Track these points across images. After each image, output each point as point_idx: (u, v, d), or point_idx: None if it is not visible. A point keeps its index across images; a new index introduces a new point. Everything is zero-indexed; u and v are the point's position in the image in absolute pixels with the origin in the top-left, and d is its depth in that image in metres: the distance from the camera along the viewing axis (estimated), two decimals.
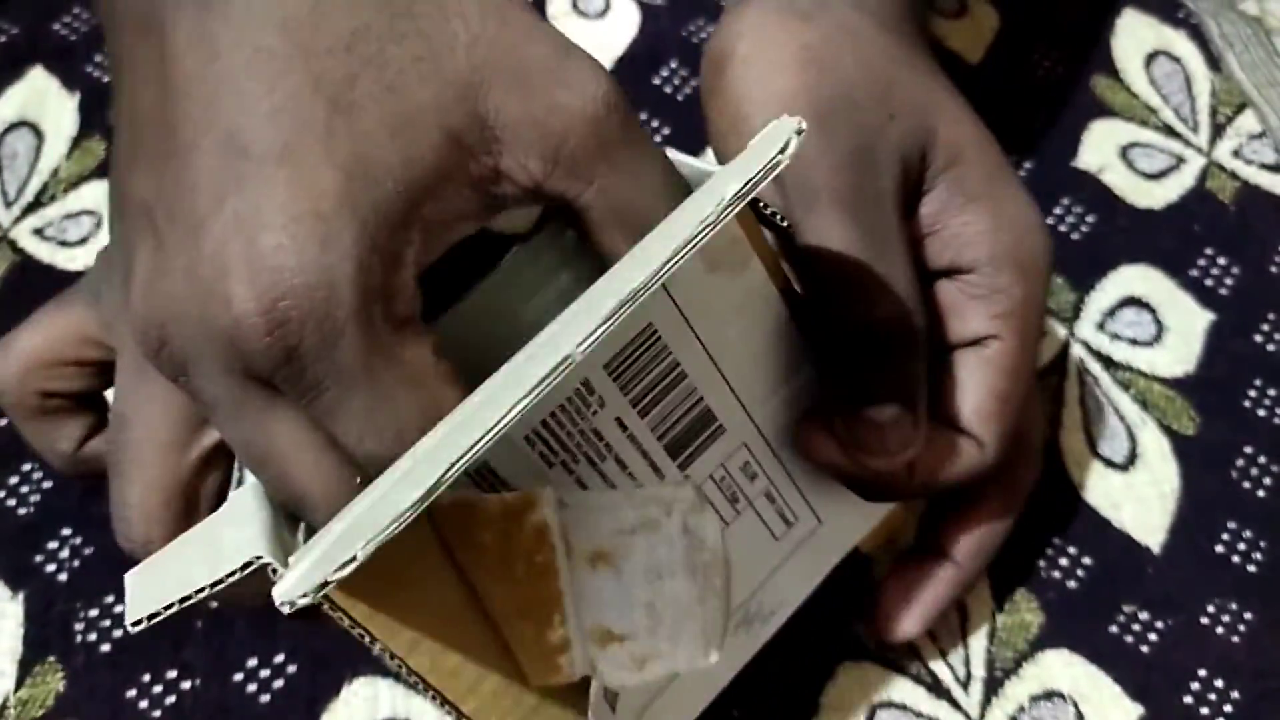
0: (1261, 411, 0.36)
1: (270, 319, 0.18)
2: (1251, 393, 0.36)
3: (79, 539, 0.33)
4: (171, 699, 0.31)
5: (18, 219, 0.39)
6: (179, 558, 0.23)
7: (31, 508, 0.34)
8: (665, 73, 0.43)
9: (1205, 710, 0.32)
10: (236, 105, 0.19)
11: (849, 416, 0.26)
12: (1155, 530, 0.34)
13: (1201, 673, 0.32)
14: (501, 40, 0.21)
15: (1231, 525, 0.34)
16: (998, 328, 0.27)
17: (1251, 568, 0.34)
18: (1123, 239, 0.39)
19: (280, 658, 0.32)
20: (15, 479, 0.34)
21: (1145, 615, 0.33)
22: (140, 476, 0.24)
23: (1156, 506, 0.35)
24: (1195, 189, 0.40)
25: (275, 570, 0.20)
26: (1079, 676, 0.32)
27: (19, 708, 0.31)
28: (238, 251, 0.18)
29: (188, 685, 0.32)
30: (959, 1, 0.45)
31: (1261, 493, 0.35)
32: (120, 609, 0.32)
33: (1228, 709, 0.31)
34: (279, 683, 0.31)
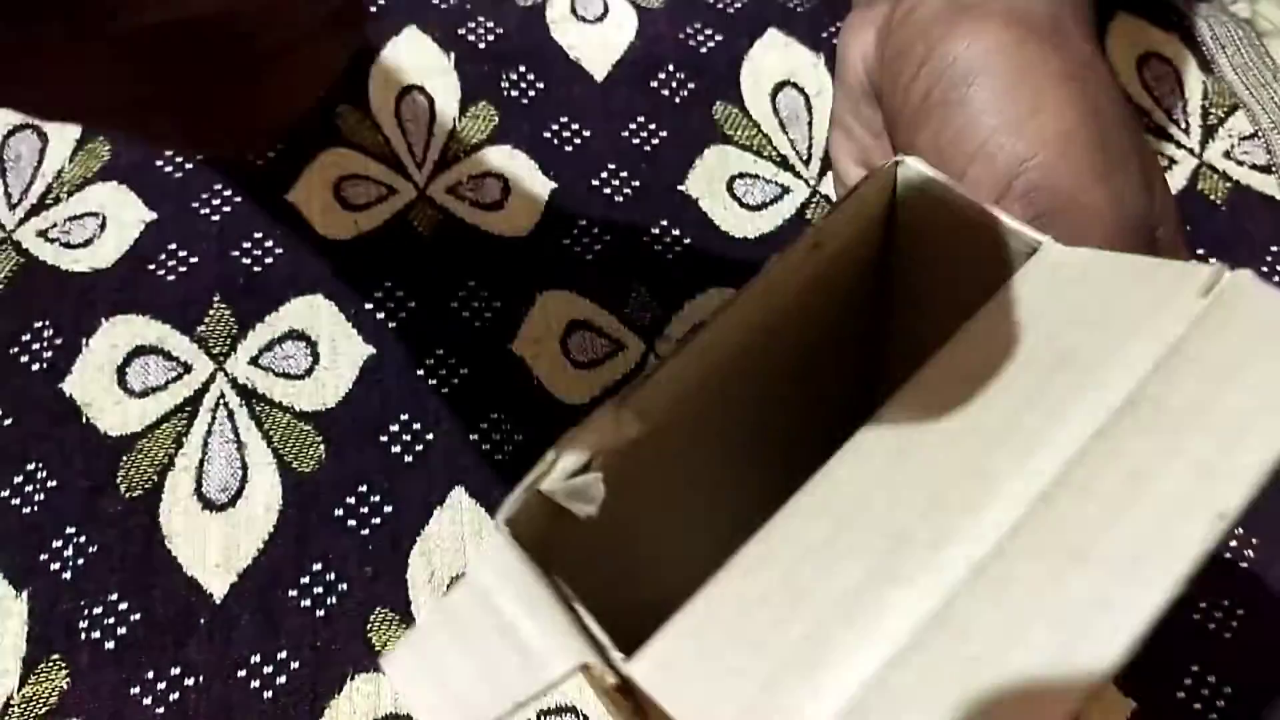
0: None
1: None
2: None
3: (83, 537, 0.34)
4: (175, 696, 0.32)
5: (22, 221, 0.39)
6: (468, 651, 0.19)
7: (36, 506, 0.34)
8: (663, 76, 0.43)
9: (1198, 705, 0.32)
10: None
11: None
12: None
13: (1194, 668, 0.32)
14: None
15: None
16: None
17: (1243, 564, 0.34)
18: None
19: (283, 654, 0.32)
20: (20, 478, 0.35)
21: None
22: None
23: None
24: (1187, 190, 0.41)
25: (601, 677, 0.18)
26: None
27: (23, 705, 0.31)
28: None
29: (191, 682, 0.32)
30: None
31: None
32: (124, 606, 0.33)
33: (1220, 704, 0.32)
34: (282, 679, 0.32)
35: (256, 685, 0.32)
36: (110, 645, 0.32)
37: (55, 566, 0.33)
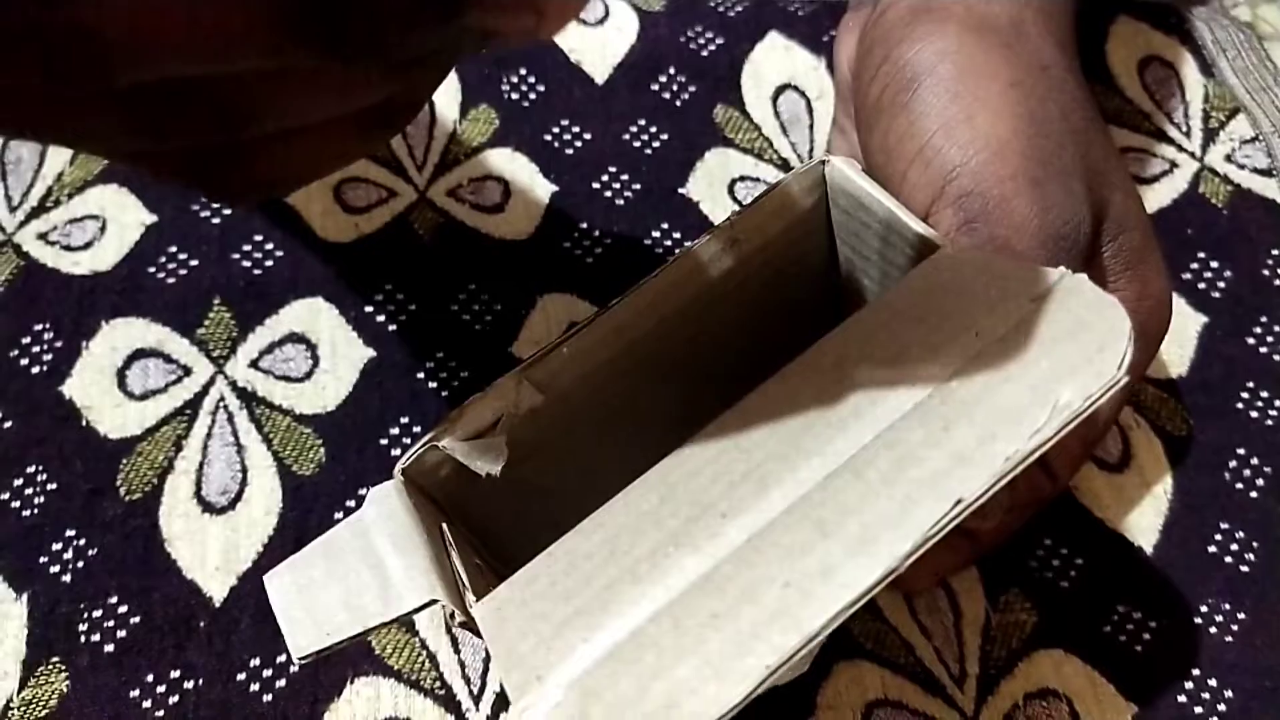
0: (1254, 414, 0.36)
1: None
2: (1244, 395, 0.37)
3: (82, 540, 0.34)
4: (174, 699, 0.32)
5: (22, 224, 0.39)
6: (337, 576, 0.22)
7: (35, 510, 0.34)
8: (664, 79, 0.43)
9: (1199, 709, 0.32)
10: None
11: None
12: (1148, 531, 0.34)
13: (1195, 672, 0.32)
14: None
15: (1224, 526, 0.35)
16: None
17: (1244, 568, 0.34)
18: None
19: (283, 657, 0.32)
20: (19, 481, 0.34)
21: (1139, 615, 0.33)
22: None
23: (1149, 507, 0.35)
24: (1188, 194, 0.41)
25: (453, 614, 0.20)
26: (1073, 675, 0.32)
27: (22, 708, 0.31)
28: None
29: (191, 685, 0.32)
30: None
31: (1254, 494, 0.35)
32: (124, 609, 0.33)
33: (1221, 708, 0.32)
34: (281, 682, 0.32)
35: (256, 688, 0.32)
36: (110, 648, 0.32)
37: (55, 569, 0.33)
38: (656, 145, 0.41)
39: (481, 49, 0.18)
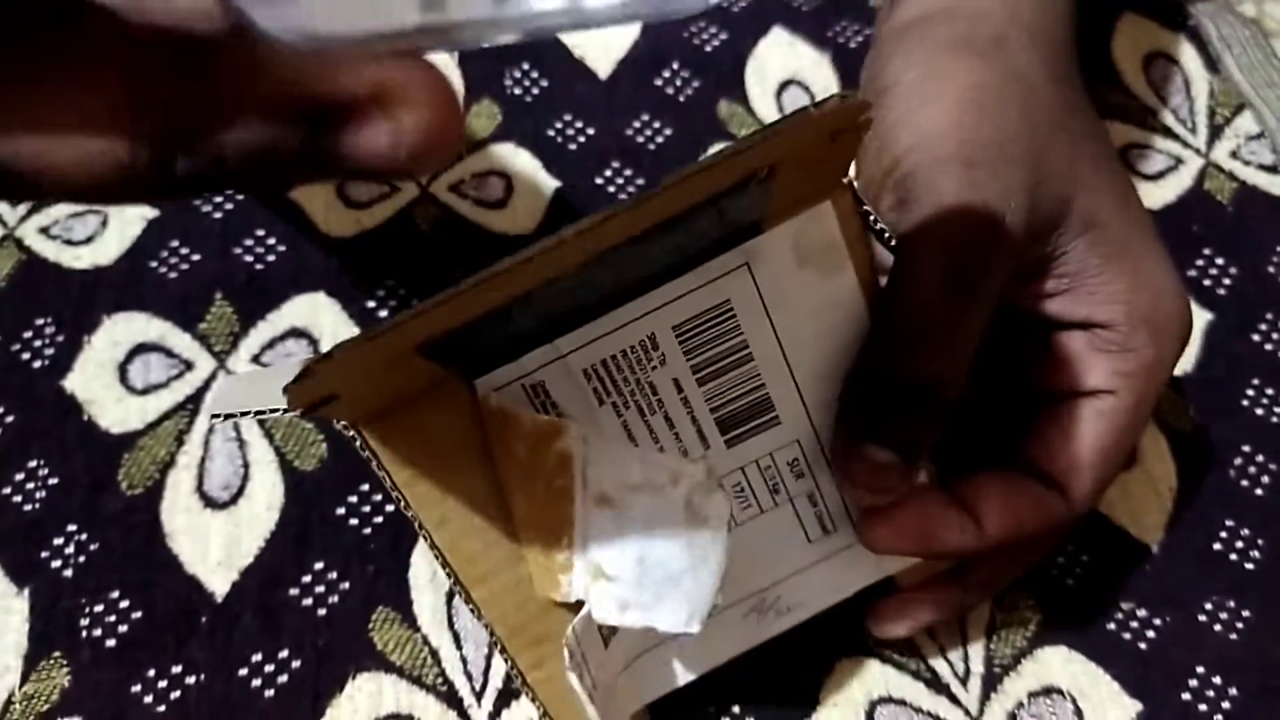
0: (1259, 410, 0.36)
1: None
2: (1249, 392, 0.37)
3: (84, 535, 0.34)
4: (176, 694, 0.32)
5: (24, 218, 0.39)
6: (265, 381, 0.24)
7: (37, 504, 0.34)
8: (667, 74, 0.43)
9: (1203, 707, 0.32)
10: None
11: (849, 440, 0.26)
12: (1153, 528, 0.34)
13: (1199, 670, 0.32)
14: None
15: (1229, 523, 0.34)
16: (1118, 384, 0.28)
17: (1249, 565, 0.34)
18: None
19: (285, 653, 0.32)
20: (21, 475, 0.34)
21: (1143, 612, 0.33)
22: None
23: (1155, 505, 0.35)
24: (1193, 190, 0.41)
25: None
26: (1078, 673, 0.32)
27: (24, 703, 0.31)
28: None
29: (192, 681, 0.32)
30: None
31: (1259, 491, 0.35)
32: (125, 604, 0.33)
33: (1226, 706, 0.32)
34: (283, 678, 0.32)
35: (258, 684, 0.32)
36: (111, 643, 0.32)
37: (56, 564, 0.33)
38: (660, 140, 0.41)
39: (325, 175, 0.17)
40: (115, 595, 0.33)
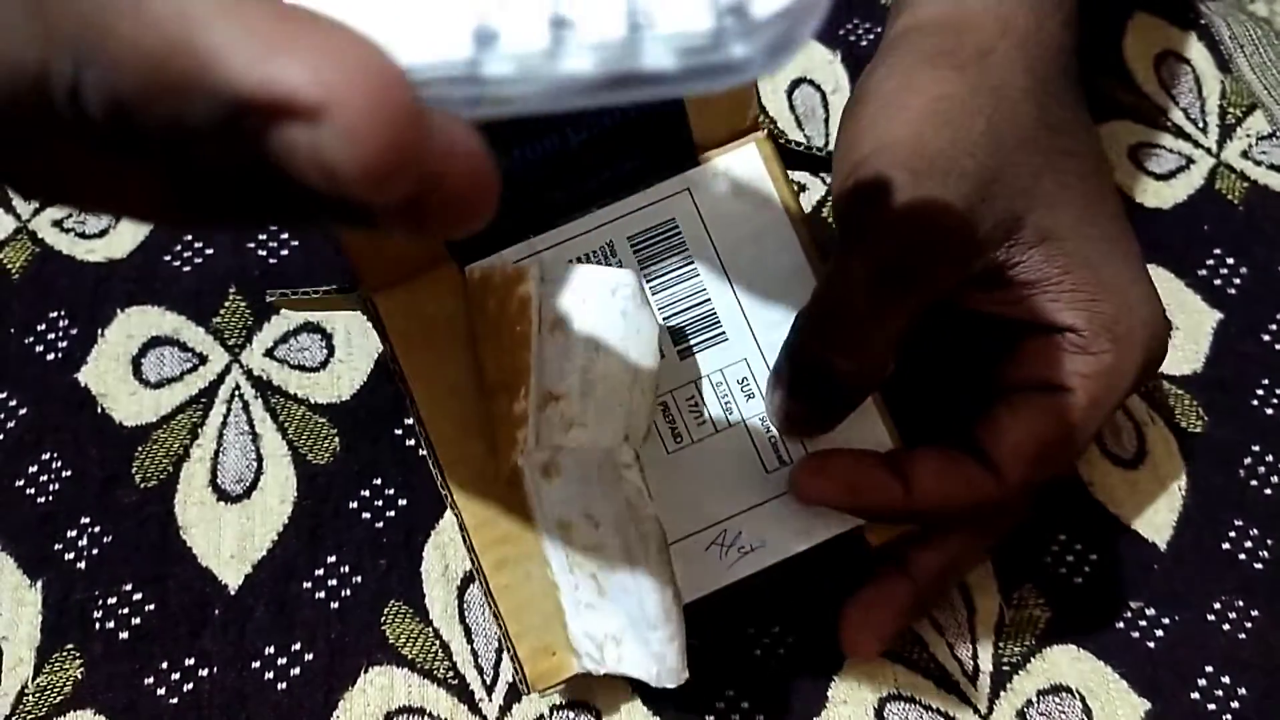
0: (1269, 410, 0.36)
1: None
2: (1259, 392, 0.37)
3: (97, 527, 0.34)
4: (189, 686, 0.32)
5: (37, 210, 0.39)
6: None
7: (50, 497, 0.34)
8: None
9: (1212, 706, 0.32)
10: None
11: (772, 380, 0.29)
12: (1162, 527, 0.34)
13: (1208, 669, 0.32)
14: None
15: (1238, 523, 0.34)
16: (1075, 383, 0.28)
17: (1258, 565, 0.34)
18: None
19: (297, 646, 0.32)
20: (35, 468, 0.35)
21: (1152, 612, 0.33)
22: None
23: (1164, 504, 0.35)
24: (1204, 189, 0.41)
25: None
26: (1086, 672, 0.32)
27: (37, 695, 0.32)
28: None
29: (205, 673, 0.32)
30: None
31: (1268, 491, 0.35)
32: (138, 597, 0.33)
33: (1235, 705, 0.32)
34: (295, 671, 0.32)
35: (270, 677, 0.32)
36: (124, 635, 0.32)
37: (70, 556, 0.33)
38: None
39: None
40: (128, 588, 0.33)
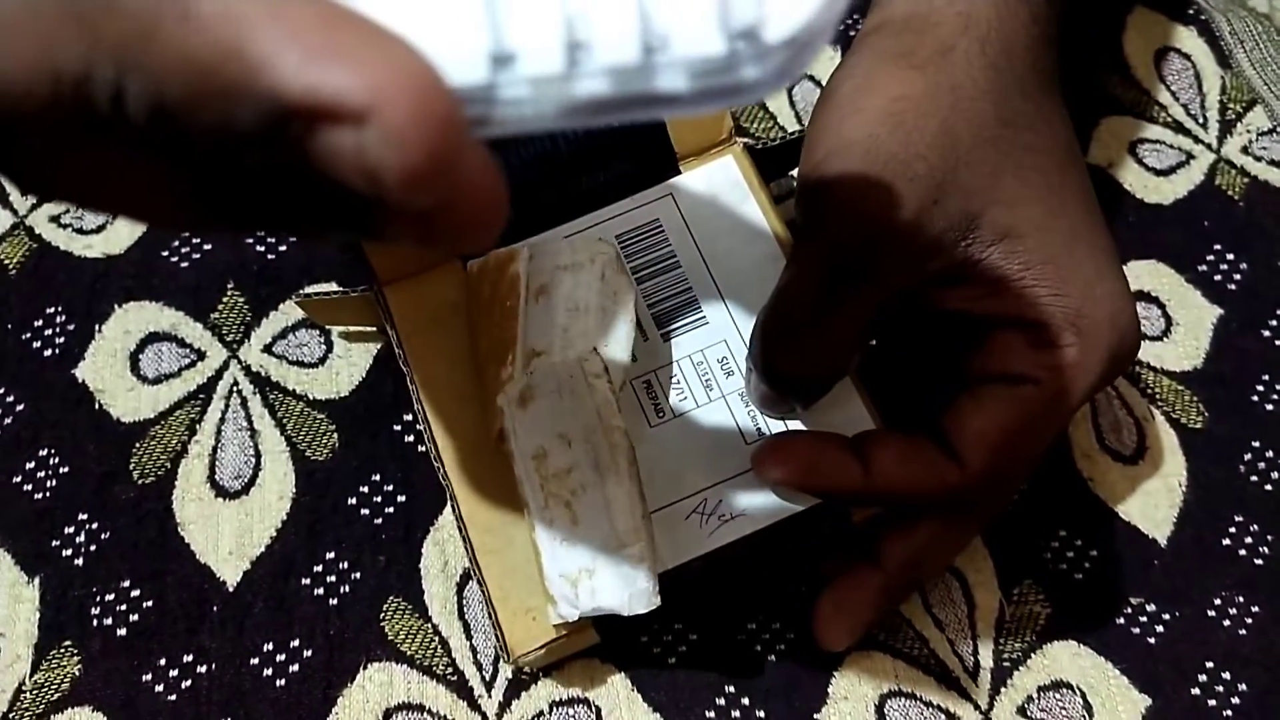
0: (1269, 406, 0.36)
1: None
2: (1259, 387, 0.37)
3: (95, 524, 0.34)
4: (187, 683, 0.32)
5: (34, 206, 0.39)
6: None
7: (47, 493, 0.34)
8: None
9: (1212, 702, 0.32)
10: None
11: (747, 362, 0.30)
12: (1162, 523, 0.34)
13: (1209, 664, 0.32)
14: None
15: (1238, 518, 0.34)
16: (1041, 375, 0.28)
17: (1258, 560, 0.34)
18: (1132, 234, 0.39)
19: (296, 642, 0.32)
20: (32, 464, 0.34)
21: (1152, 607, 0.33)
22: None
23: (1164, 499, 0.35)
24: (1204, 185, 0.41)
25: None
26: (1087, 668, 0.32)
27: (35, 692, 0.31)
28: None
29: (203, 669, 0.32)
30: None
31: (1269, 486, 0.35)
32: (136, 593, 0.33)
33: (1235, 701, 0.32)
34: (295, 667, 0.32)
35: (269, 673, 0.32)
36: (122, 632, 0.32)
37: (67, 553, 0.33)
38: None
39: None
40: (126, 584, 0.33)
